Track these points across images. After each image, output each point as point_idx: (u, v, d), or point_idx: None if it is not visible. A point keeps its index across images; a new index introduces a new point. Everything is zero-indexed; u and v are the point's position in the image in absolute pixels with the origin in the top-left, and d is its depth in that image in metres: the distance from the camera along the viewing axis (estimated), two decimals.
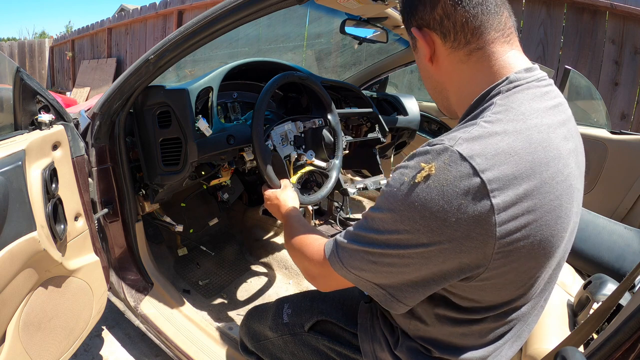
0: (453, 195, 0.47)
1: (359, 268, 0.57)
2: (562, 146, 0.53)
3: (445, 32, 0.57)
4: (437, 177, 0.48)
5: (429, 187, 0.48)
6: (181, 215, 1.89)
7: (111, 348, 1.51)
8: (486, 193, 0.46)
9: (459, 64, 0.59)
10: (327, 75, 3.55)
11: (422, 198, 0.48)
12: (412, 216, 0.49)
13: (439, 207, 0.48)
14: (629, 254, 1.22)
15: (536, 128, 0.51)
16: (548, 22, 3.25)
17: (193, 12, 5.75)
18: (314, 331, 0.85)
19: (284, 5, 0.88)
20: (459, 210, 0.47)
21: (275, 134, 1.28)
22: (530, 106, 0.53)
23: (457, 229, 0.48)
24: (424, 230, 0.49)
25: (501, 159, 0.48)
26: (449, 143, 0.49)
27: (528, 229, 0.49)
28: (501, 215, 0.47)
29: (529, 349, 0.79)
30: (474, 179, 0.47)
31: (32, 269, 0.85)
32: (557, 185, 0.51)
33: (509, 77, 0.55)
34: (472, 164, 0.47)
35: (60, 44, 9.01)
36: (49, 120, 0.98)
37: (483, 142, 0.49)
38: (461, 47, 0.58)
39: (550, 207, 0.50)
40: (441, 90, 0.65)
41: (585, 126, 2.06)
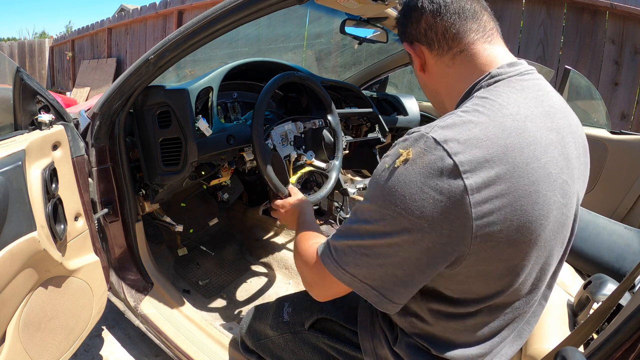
0: (429, 177, 0.50)
1: (352, 264, 0.58)
2: (540, 135, 0.54)
3: (430, 42, 0.65)
4: (414, 161, 0.51)
5: (407, 171, 0.51)
6: (181, 215, 1.89)
7: (111, 348, 1.51)
8: (458, 174, 0.48)
9: (446, 69, 0.65)
10: (327, 75, 3.56)
11: (401, 181, 0.51)
12: (393, 200, 0.52)
13: (417, 189, 0.50)
14: (629, 254, 1.22)
15: (511, 116, 0.53)
16: (548, 22, 3.25)
17: (193, 12, 5.75)
18: (314, 329, 0.85)
19: (284, 5, 0.88)
20: (435, 191, 0.49)
21: (275, 134, 1.28)
22: (509, 97, 0.55)
23: (434, 210, 0.49)
24: (405, 214, 0.51)
25: (473, 143, 0.50)
26: (425, 130, 0.52)
27: (503, 212, 0.51)
28: (475, 196, 0.49)
29: (529, 349, 0.79)
30: (446, 160, 0.49)
31: (32, 269, 0.85)
32: (532, 171, 0.52)
33: (491, 72, 0.59)
34: (445, 148, 0.49)
35: (60, 44, 9.01)
36: (49, 120, 0.98)
37: (457, 128, 0.51)
38: (445, 53, 0.64)
39: (524, 192, 0.51)
40: (436, 95, 0.70)
41: (585, 126, 2.06)
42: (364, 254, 0.56)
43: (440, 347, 0.64)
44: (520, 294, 0.61)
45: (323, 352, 0.84)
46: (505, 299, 0.60)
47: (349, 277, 0.58)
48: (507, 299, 0.60)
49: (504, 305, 0.61)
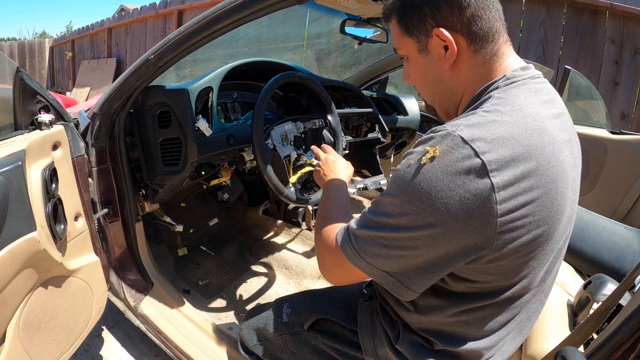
0: (456, 175, 0.50)
1: (371, 254, 0.58)
2: (556, 135, 0.56)
3: (472, 35, 0.58)
4: (441, 158, 0.51)
5: (434, 168, 0.51)
6: (181, 215, 1.89)
7: (111, 348, 1.51)
8: (486, 173, 0.49)
9: (477, 68, 0.61)
10: (327, 75, 3.55)
11: (427, 178, 0.51)
12: (418, 196, 0.52)
13: (443, 186, 0.50)
14: (629, 254, 1.22)
15: (531, 117, 0.54)
16: (548, 22, 3.25)
17: (193, 12, 5.75)
18: (314, 330, 0.85)
19: (284, 5, 0.87)
20: (462, 189, 0.50)
21: (275, 133, 1.28)
22: (526, 99, 0.56)
23: (460, 207, 0.50)
24: (430, 210, 0.51)
25: (499, 143, 0.51)
26: (452, 129, 0.52)
27: (527, 208, 0.52)
28: (501, 194, 0.50)
29: (529, 349, 0.79)
30: (474, 159, 0.49)
31: (32, 269, 0.85)
32: (552, 169, 0.53)
33: (506, 74, 0.59)
34: (473, 147, 0.50)
35: (60, 44, 9.01)
36: (49, 120, 0.98)
37: (482, 128, 0.52)
38: (481, 51, 0.60)
39: (546, 189, 0.53)
40: (450, 97, 0.65)
41: (585, 126, 2.05)
42: (384, 244, 0.57)
43: (446, 341, 0.65)
44: (529, 287, 0.62)
45: (323, 352, 0.84)
46: (516, 293, 0.61)
47: (366, 265, 0.59)
48: (517, 292, 0.61)
49: (513, 299, 0.62)
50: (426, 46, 0.62)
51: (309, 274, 1.78)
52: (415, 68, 0.66)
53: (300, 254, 1.86)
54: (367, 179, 1.66)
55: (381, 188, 1.67)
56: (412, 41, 0.63)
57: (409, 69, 0.68)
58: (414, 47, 0.64)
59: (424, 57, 0.64)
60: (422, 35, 0.61)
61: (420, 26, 0.61)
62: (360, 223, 0.61)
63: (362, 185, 1.58)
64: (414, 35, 0.62)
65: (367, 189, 1.60)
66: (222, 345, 1.26)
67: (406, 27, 0.63)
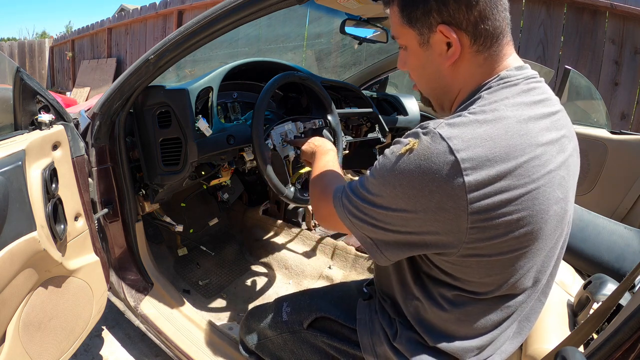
0: (429, 169, 0.52)
1: (353, 215, 0.63)
2: (541, 135, 0.56)
3: (477, 35, 0.57)
4: (418, 152, 0.53)
5: (410, 160, 0.54)
6: (181, 215, 1.89)
7: (111, 348, 1.51)
8: (459, 170, 0.51)
9: (476, 68, 0.60)
10: (327, 75, 3.55)
11: (403, 169, 0.54)
12: (393, 183, 0.56)
13: (416, 178, 0.53)
14: (629, 254, 1.22)
15: (514, 118, 0.55)
16: (548, 22, 3.25)
17: (193, 12, 5.75)
18: (313, 328, 0.86)
19: (284, 5, 0.87)
20: (433, 183, 0.52)
21: (275, 133, 1.28)
22: (514, 100, 0.57)
23: (431, 200, 0.53)
24: (402, 197, 0.55)
25: (476, 143, 0.52)
26: (433, 125, 0.54)
27: (504, 209, 0.52)
28: (473, 193, 0.51)
29: (529, 349, 0.79)
30: (449, 156, 0.51)
31: (32, 269, 0.85)
32: (533, 170, 0.54)
33: (500, 74, 0.59)
34: (449, 144, 0.51)
35: (60, 44, 9.01)
36: (49, 120, 0.98)
37: (462, 127, 0.53)
38: (483, 52, 0.59)
39: (526, 189, 0.53)
40: (446, 92, 0.65)
41: (585, 126, 2.05)
42: (364, 213, 0.61)
43: (439, 338, 0.66)
44: (521, 287, 0.62)
45: (322, 351, 0.84)
46: (507, 291, 0.62)
47: (350, 224, 0.64)
48: (508, 291, 0.62)
49: (504, 298, 0.63)
50: (428, 40, 0.60)
51: (309, 274, 1.78)
52: (414, 60, 0.65)
53: (300, 254, 1.86)
54: None
55: None
56: (413, 33, 0.61)
57: (406, 58, 0.67)
58: (415, 39, 0.62)
59: (424, 50, 0.62)
60: (425, 29, 0.59)
61: (425, 19, 0.59)
62: (352, 188, 0.65)
63: None
64: (416, 27, 0.60)
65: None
66: (222, 345, 1.26)
67: (409, 17, 0.60)
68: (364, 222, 0.62)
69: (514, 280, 0.60)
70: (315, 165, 0.93)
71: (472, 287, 0.61)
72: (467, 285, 0.61)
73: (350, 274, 1.74)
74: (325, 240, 1.87)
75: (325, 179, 0.83)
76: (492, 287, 0.61)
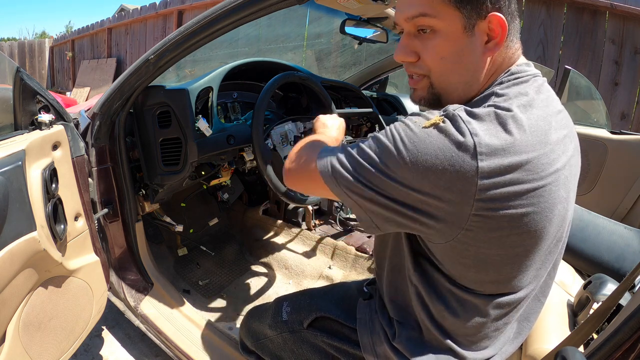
0: (448, 148, 0.51)
1: (343, 177, 0.59)
2: (550, 133, 0.56)
3: (511, 28, 0.57)
4: (441, 128, 0.53)
5: (432, 134, 0.53)
6: (181, 215, 1.89)
7: (111, 348, 1.51)
8: (475, 154, 0.50)
9: (500, 60, 0.60)
10: (327, 75, 3.55)
11: (421, 139, 0.53)
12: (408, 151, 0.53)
13: (433, 152, 0.52)
14: (629, 254, 1.21)
15: (527, 114, 0.55)
16: (548, 22, 3.25)
17: (193, 12, 5.75)
18: (313, 328, 0.86)
19: (284, 5, 0.87)
20: (448, 161, 0.51)
21: (276, 133, 1.28)
22: (528, 95, 0.57)
23: (441, 176, 0.52)
24: (412, 168, 0.53)
25: (492, 132, 0.52)
26: (453, 108, 0.55)
27: (510, 202, 0.52)
28: (484, 180, 0.51)
29: (529, 349, 0.79)
30: (468, 138, 0.51)
31: (32, 269, 0.85)
32: (542, 167, 0.53)
33: (511, 69, 0.60)
34: (469, 127, 0.52)
35: (60, 44, 9.01)
36: (49, 120, 0.98)
37: (479, 116, 0.53)
38: (511, 45, 0.59)
39: (533, 186, 0.53)
40: (472, 85, 0.61)
41: (585, 126, 2.05)
42: (359, 174, 0.58)
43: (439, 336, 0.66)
44: (518, 285, 0.62)
45: (322, 350, 0.84)
46: (503, 289, 0.61)
47: (335, 185, 0.60)
48: (505, 289, 0.61)
49: (501, 296, 0.62)
50: (473, 27, 0.56)
51: (309, 274, 1.78)
52: (449, 46, 0.58)
53: (300, 254, 1.86)
54: None
55: None
56: (459, 15, 0.55)
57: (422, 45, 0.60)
58: (460, 22, 0.56)
59: (466, 37, 0.56)
60: (474, 13, 0.55)
61: (477, 3, 0.54)
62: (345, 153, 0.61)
63: None
64: (465, 9, 0.55)
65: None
66: (222, 345, 1.26)
67: (465, 4, 0.55)
68: (357, 181, 0.58)
69: (512, 277, 0.60)
70: None
71: (469, 284, 0.61)
72: (465, 282, 0.61)
73: (350, 274, 1.74)
74: (325, 240, 1.87)
75: (311, 142, 0.77)
76: (489, 284, 0.61)
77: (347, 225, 1.99)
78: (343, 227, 1.98)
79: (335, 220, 2.01)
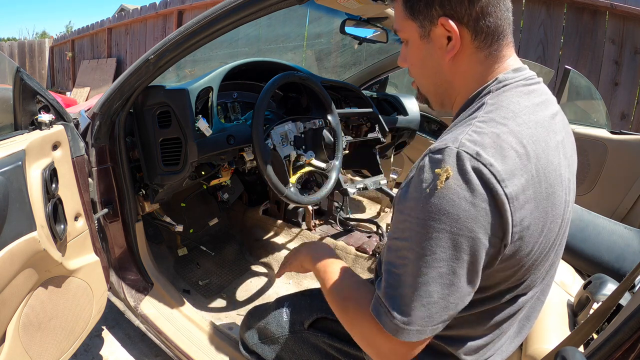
0: (475, 191, 0.49)
1: (412, 310, 0.53)
2: (549, 139, 0.57)
3: (478, 30, 0.57)
4: (456, 177, 0.50)
5: (452, 188, 0.50)
6: (181, 215, 1.89)
7: (111, 348, 1.51)
8: (499, 184, 0.50)
9: (477, 65, 0.60)
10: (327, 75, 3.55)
11: (450, 200, 0.50)
12: (446, 221, 0.50)
13: (468, 204, 0.50)
14: (629, 254, 1.22)
15: (525, 124, 0.55)
16: (548, 22, 3.25)
17: (193, 12, 5.75)
18: (314, 329, 0.86)
19: (284, 5, 0.88)
20: (485, 203, 0.50)
21: (275, 133, 1.28)
22: (519, 104, 0.56)
23: (485, 222, 0.50)
24: (460, 232, 0.50)
25: (502, 154, 0.51)
26: (454, 145, 0.51)
27: (532, 216, 0.53)
28: (514, 204, 0.50)
29: (529, 349, 0.79)
30: (487, 174, 0.50)
31: (32, 269, 0.85)
32: (549, 174, 0.54)
33: (498, 77, 0.59)
34: (481, 161, 0.50)
35: (60, 44, 9.01)
36: (49, 120, 0.98)
37: (483, 141, 0.52)
38: (484, 49, 0.58)
39: (545, 194, 0.54)
40: (446, 89, 0.64)
41: (585, 126, 2.05)
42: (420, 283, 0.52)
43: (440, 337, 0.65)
44: (532, 285, 0.62)
45: (323, 351, 0.84)
46: (518, 293, 0.62)
47: (416, 332, 0.53)
48: (519, 292, 0.62)
49: (515, 298, 0.62)
50: (429, 33, 0.60)
51: (309, 274, 1.78)
52: (414, 54, 0.64)
53: None
54: (367, 179, 1.66)
55: (381, 188, 1.67)
56: (415, 25, 0.61)
57: (406, 53, 0.66)
58: (416, 32, 0.61)
59: (425, 43, 0.61)
60: (427, 22, 0.59)
61: (426, 11, 0.58)
62: (387, 283, 0.55)
63: (362, 185, 1.58)
64: (418, 19, 0.60)
65: (367, 189, 1.59)
66: (222, 345, 1.26)
67: (411, 9, 0.60)
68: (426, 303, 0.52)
69: (528, 283, 0.61)
70: (323, 273, 0.76)
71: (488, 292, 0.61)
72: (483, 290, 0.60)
73: None
74: (325, 240, 1.87)
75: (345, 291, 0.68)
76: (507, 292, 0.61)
77: (347, 225, 1.99)
78: (343, 227, 1.98)
79: (335, 220, 2.01)
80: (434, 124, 2.59)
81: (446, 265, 0.51)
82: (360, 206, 2.30)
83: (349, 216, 2.06)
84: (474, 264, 0.52)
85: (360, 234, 1.93)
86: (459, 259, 0.51)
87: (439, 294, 0.52)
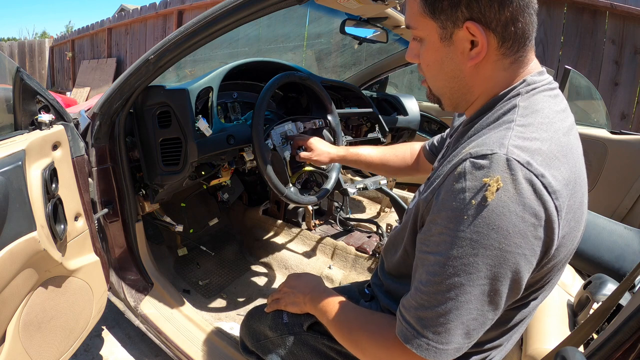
0: (527, 204, 0.47)
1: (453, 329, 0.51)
2: (576, 145, 0.57)
3: (505, 37, 0.53)
4: (507, 189, 0.47)
5: (503, 200, 0.47)
6: (181, 215, 1.89)
7: (111, 348, 1.51)
8: (549, 196, 0.48)
9: (501, 72, 0.57)
10: (327, 75, 3.55)
11: (500, 213, 0.47)
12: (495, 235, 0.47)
13: (518, 218, 0.47)
14: (629, 254, 1.22)
15: (561, 131, 0.54)
16: (548, 22, 3.25)
17: (193, 12, 5.75)
18: (314, 330, 0.85)
19: (284, 5, 0.88)
20: (535, 218, 0.47)
21: (275, 133, 1.28)
22: (550, 109, 0.55)
23: (534, 234, 0.48)
24: (507, 247, 0.48)
25: (549, 164, 0.49)
26: (501, 150, 0.48)
27: (569, 225, 0.53)
28: (561, 216, 0.49)
29: (529, 349, 0.79)
30: (539, 185, 0.47)
31: (32, 269, 0.85)
32: (582, 183, 0.55)
33: (526, 79, 0.56)
34: (532, 170, 0.47)
35: (60, 44, 9.01)
36: (49, 120, 0.98)
37: (529, 147, 0.49)
38: (510, 55, 0.55)
39: (579, 203, 0.54)
40: (464, 93, 0.61)
41: (585, 126, 2.05)
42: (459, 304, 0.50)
43: None
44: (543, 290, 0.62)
45: (322, 353, 0.84)
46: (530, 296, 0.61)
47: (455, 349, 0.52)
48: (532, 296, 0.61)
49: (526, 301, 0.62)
50: (451, 35, 0.55)
51: None
52: (430, 55, 0.59)
53: (300, 254, 1.86)
54: (367, 179, 1.66)
55: (381, 188, 1.67)
56: (434, 25, 0.56)
57: (420, 51, 0.61)
58: (436, 32, 0.56)
59: (445, 46, 0.57)
60: (450, 23, 0.54)
61: (451, 12, 0.53)
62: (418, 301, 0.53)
63: (362, 185, 1.58)
64: (439, 19, 0.55)
65: (367, 189, 1.59)
66: (222, 345, 1.26)
67: (432, 7, 0.55)
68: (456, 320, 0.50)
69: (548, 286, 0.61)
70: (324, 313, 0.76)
71: None
72: None
73: (350, 274, 1.74)
74: (325, 240, 1.87)
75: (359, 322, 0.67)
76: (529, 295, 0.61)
77: (347, 225, 1.99)
78: (343, 227, 1.98)
79: (335, 220, 2.01)
80: (434, 124, 2.59)
81: (489, 283, 0.49)
82: (360, 206, 2.30)
83: (349, 216, 2.06)
84: (517, 281, 0.50)
85: (360, 234, 1.93)
86: (504, 276, 0.49)
87: (479, 311, 0.50)
